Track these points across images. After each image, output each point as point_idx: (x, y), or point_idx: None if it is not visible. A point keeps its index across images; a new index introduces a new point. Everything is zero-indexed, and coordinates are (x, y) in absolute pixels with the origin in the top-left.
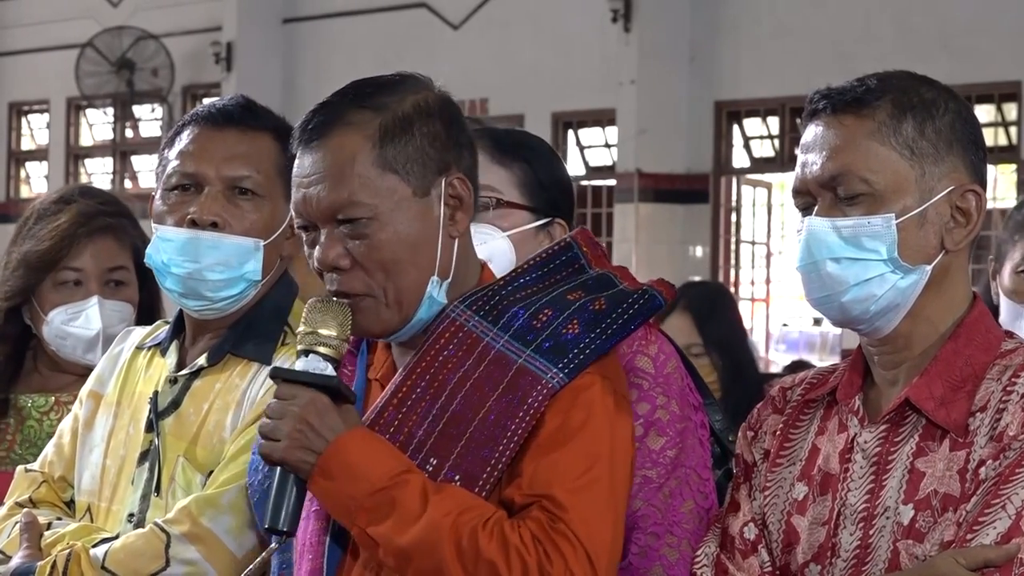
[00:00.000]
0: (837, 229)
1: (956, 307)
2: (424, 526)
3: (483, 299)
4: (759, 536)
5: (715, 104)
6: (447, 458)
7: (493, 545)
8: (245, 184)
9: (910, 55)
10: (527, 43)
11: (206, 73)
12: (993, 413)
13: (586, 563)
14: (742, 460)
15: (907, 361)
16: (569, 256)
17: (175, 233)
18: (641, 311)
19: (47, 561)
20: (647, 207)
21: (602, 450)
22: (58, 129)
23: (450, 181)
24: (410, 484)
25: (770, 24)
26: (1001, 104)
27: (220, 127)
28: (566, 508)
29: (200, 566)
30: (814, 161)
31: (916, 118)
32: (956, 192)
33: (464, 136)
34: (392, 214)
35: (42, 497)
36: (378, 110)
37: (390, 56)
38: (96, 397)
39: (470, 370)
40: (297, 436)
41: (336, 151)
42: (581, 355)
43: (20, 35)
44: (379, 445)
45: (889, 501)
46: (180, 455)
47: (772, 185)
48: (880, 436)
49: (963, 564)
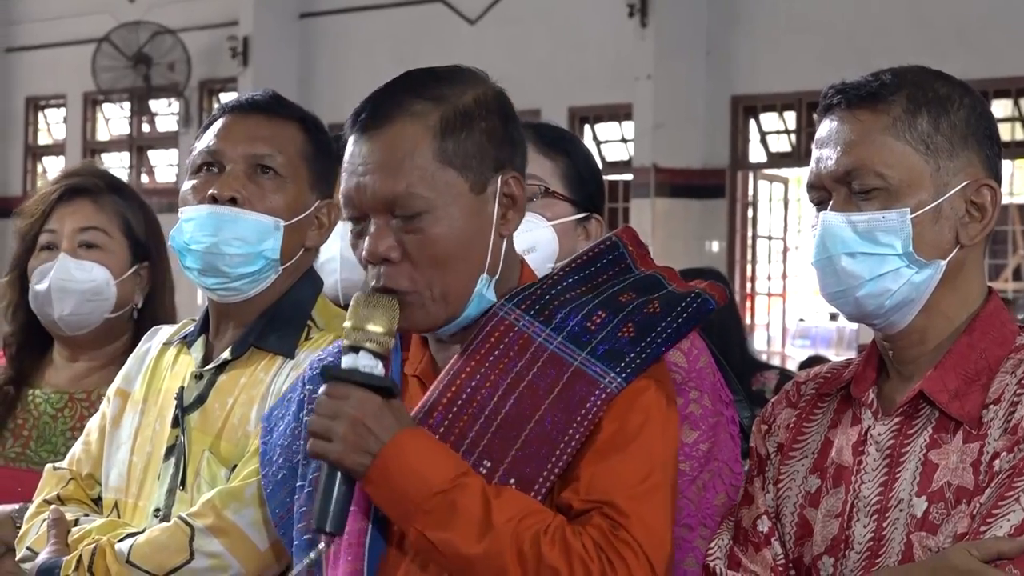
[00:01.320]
0: (852, 224)
1: (971, 301)
2: (487, 533)
3: (532, 298)
4: (772, 529)
5: (732, 99)
6: (502, 461)
7: (556, 552)
8: (267, 162)
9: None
10: (543, 38)
11: (223, 68)
12: (1007, 406)
13: (648, 570)
14: (756, 453)
15: (922, 355)
16: (615, 255)
17: (196, 211)
18: (694, 316)
19: (73, 556)
20: (663, 202)
21: (658, 455)
22: (75, 124)
23: (506, 179)
24: (469, 488)
25: (787, 18)
26: (1018, 99)
27: (247, 114)
28: (628, 515)
29: (224, 559)
30: (829, 156)
31: (931, 113)
32: (971, 187)
33: (518, 133)
34: (448, 209)
35: (70, 494)
36: (438, 102)
37: (406, 51)
38: (123, 395)
39: (523, 371)
40: (353, 439)
41: (395, 141)
42: (637, 359)
43: (37, 30)
44: (435, 445)
45: (902, 493)
46: (205, 449)
47: (789, 180)
48: (894, 428)
49: (976, 556)
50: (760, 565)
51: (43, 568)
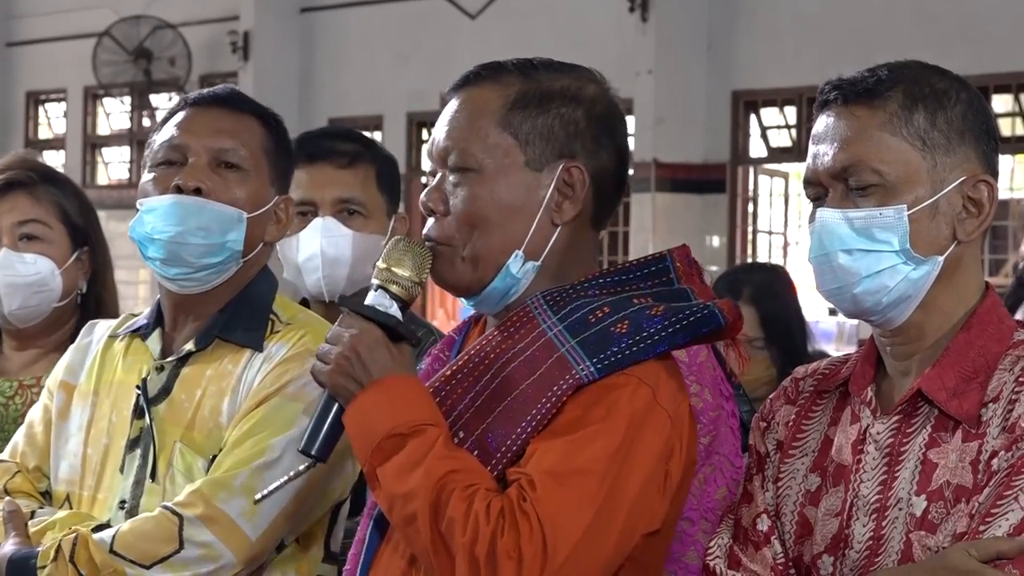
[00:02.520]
0: (849, 220)
1: (969, 298)
2: (419, 474)
3: (560, 294)
4: (772, 527)
5: (732, 94)
6: (472, 433)
7: (461, 507)
8: (229, 157)
9: (928, 45)
10: (544, 32)
11: (223, 62)
12: (1006, 404)
13: (540, 545)
14: (755, 451)
15: (919, 352)
16: (660, 267)
17: (159, 201)
18: (694, 325)
19: (50, 546)
20: (664, 197)
21: (608, 449)
22: (75, 118)
23: (568, 168)
24: (426, 435)
25: (787, 13)
26: (1019, 94)
27: (208, 107)
28: (538, 491)
29: (215, 548)
30: (825, 152)
31: (928, 108)
32: (968, 182)
33: (609, 140)
34: (496, 174)
35: (17, 487)
36: (527, 78)
37: (407, 46)
38: (68, 387)
39: (519, 353)
40: (343, 362)
41: (471, 101)
42: (620, 355)
43: (37, 24)
44: (417, 395)
45: (902, 492)
46: (177, 440)
47: (789, 175)
48: (892, 427)
49: (975, 556)
50: (760, 564)
51: (15, 559)
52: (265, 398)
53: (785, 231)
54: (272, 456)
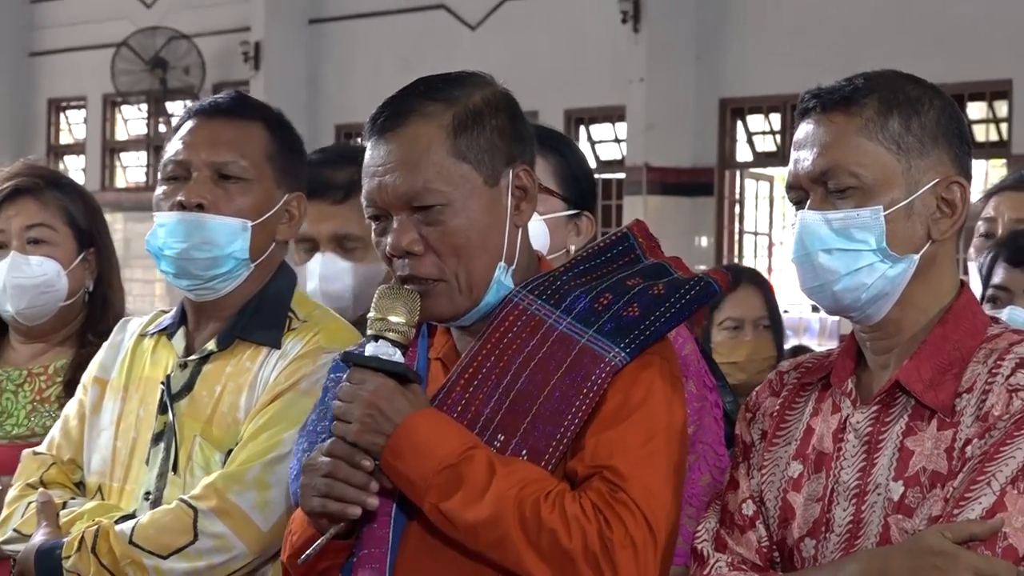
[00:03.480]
0: (828, 222)
1: (944, 294)
2: (490, 500)
3: (544, 284)
4: (757, 512)
5: (720, 101)
6: (514, 434)
7: (555, 515)
8: (230, 170)
9: (907, 54)
10: (541, 43)
11: (235, 71)
12: (979, 394)
13: (646, 529)
14: (741, 440)
15: (897, 346)
16: (625, 246)
17: (167, 217)
18: (697, 297)
19: (74, 537)
20: (655, 199)
21: (660, 425)
22: (95, 124)
23: (517, 172)
24: (476, 459)
25: (773, 25)
26: (992, 101)
27: (210, 117)
28: (626, 478)
29: (228, 540)
30: (806, 157)
31: (902, 114)
32: (941, 184)
33: (526, 130)
34: (465, 202)
35: (52, 478)
36: (450, 103)
37: (410, 55)
38: (101, 383)
39: (534, 350)
40: (368, 420)
41: (412, 141)
42: (641, 336)
43: (59, 35)
44: (445, 423)
45: (880, 478)
46: (197, 435)
47: (774, 178)
48: (871, 416)
49: (950, 538)
50: (745, 547)
51: (42, 549)
52: (279, 394)
53: (770, 232)
54: (284, 450)
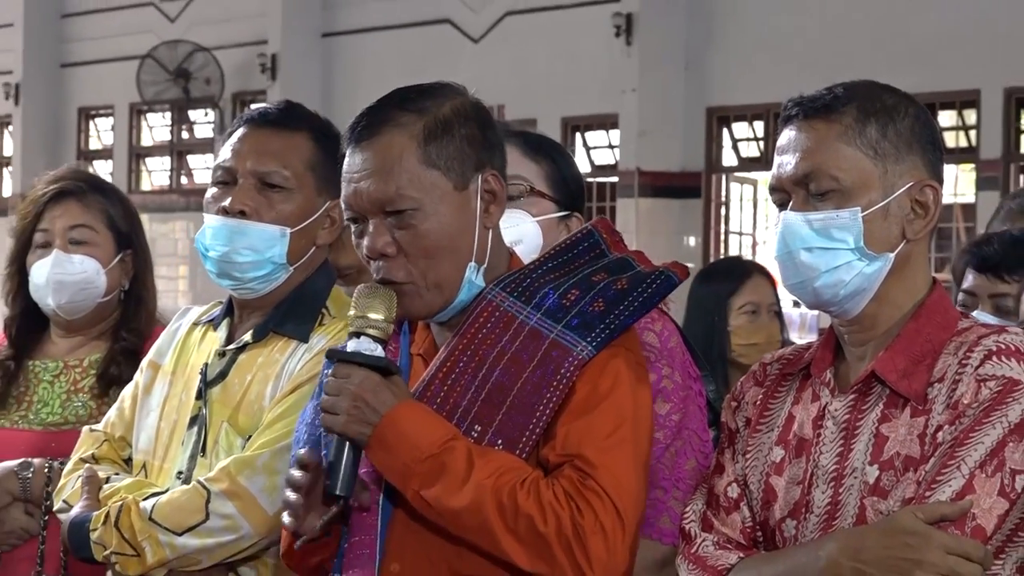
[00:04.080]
0: (809, 222)
1: (917, 290)
2: (471, 488)
3: (515, 282)
4: (741, 495)
5: (707, 109)
6: (490, 425)
7: (530, 501)
8: (273, 179)
9: (882, 66)
10: (540, 55)
11: (253, 82)
12: (949, 384)
13: (615, 515)
14: (726, 427)
15: (873, 339)
16: (591, 242)
17: (213, 220)
18: (659, 290)
19: (101, 511)
20: (646, 202)
21: (627, 414)
22: (122, 131)
23: (485, 177)
24: (457, 450)
25: (757, 37)
26: (962, 110)
27: (259, 127)
28: (595, 466)
29: (236, 520)
30: (788, 161)
31: (879, 122)
32: (915, 187)
33: (496, 137)
34: (435, 206)
35: (104, 454)
36: (421, 113)
37: (417, 66)
38: (155, 367)
39: (507, 345)
40: (354, 411)
41: (385, 149)
42: (607, 330)
43: (88, 47)
44: (427, 415)
45: (856, 462)
46: (224, 421)
47: (758, 182)
48: (849, 405)
49: (922, 519)
50: (730, 527)
51: (75, 521)
52: (298, 385)
53: (754, 232)
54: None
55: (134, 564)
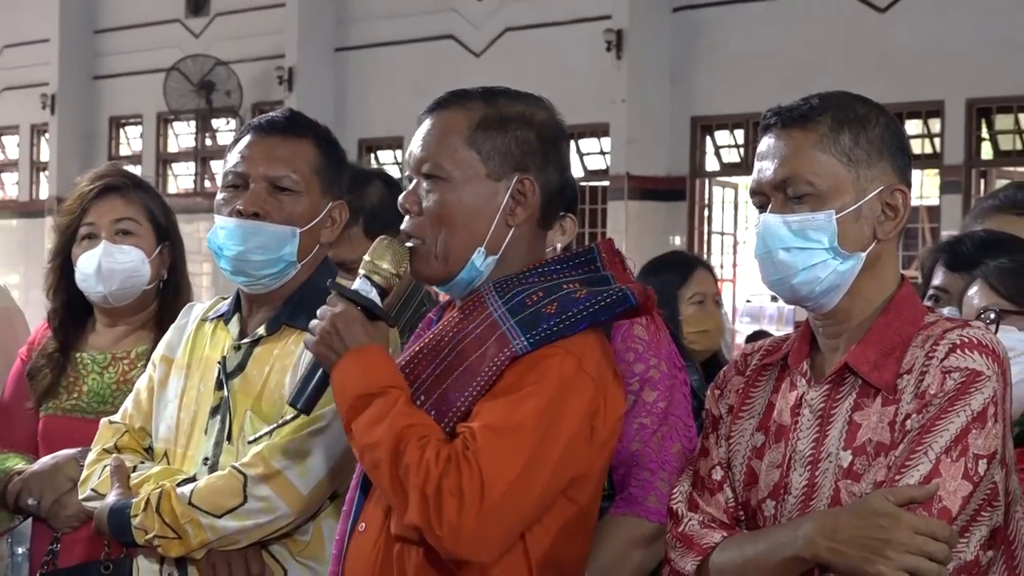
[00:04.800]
0: (787, 223)
1: (887, 287)
2: (382, 429)
3: (507, 280)
4: (724, 477)
5: (691, 119)
6: (431, 397)
7: (415, 454)
8: (284, 183)
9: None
10: (536, 68)
11: (271, 92)
12: (917, 375)
13: (478, 485)
14: (711, 414)
15: (846, 332)
16: (588, 258)
17: (226, 222)
18: (610, 305)
19: (141, 498)
20: (635, 204)
21: (540, 406)
22: (150, 138)
23: (521, 179)
24: (389, 395)
25: (736, 53)
26: (927, 119)
27: (267, 134)
28: (480, 439)
29: (272, 502)
30: (767, 167)
31: (852, 130)
32: (886, 191)
33: (555, 157)
34: (462, 183)
35: (125, 444)
36: (490, 104)
37: (422, 78)
38: (168, 361)
39: (471, 331)
40: (325, 336)
41: (442, 121)
42: (549, 331)
43: (119, 61)
44: (383, 362)
45: (831, 448)
46: (248, 409)
47: (738, 186)
48: (824, 394)
49: (893, 501)
50: (715, 507)
51: (114, 508)
52: None
53: (735, 232)
54: (322, 423)
55: (176, 546)
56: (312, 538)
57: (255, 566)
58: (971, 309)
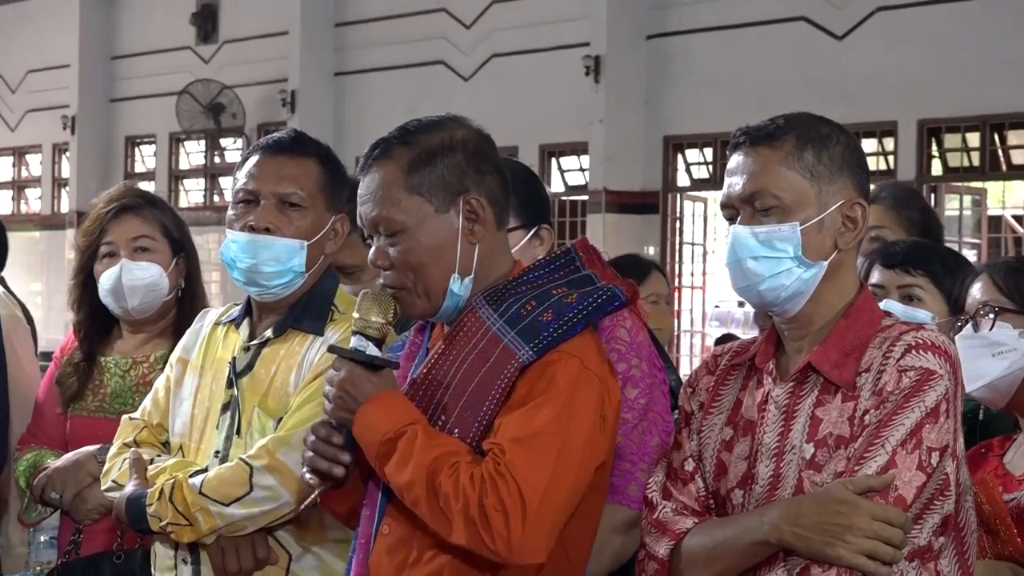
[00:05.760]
0: (755, 234)
1: (847, 293)
2: (412, 467)
3: (496, 292)
4: (696, 468)
5: (664, 138)
6: (451, 416)
7: (450, 483)
8: (292, 199)
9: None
10: (521, 91)
11: (275, 114)
12: (875, 374)
13: (517, 498)
14: (683, 410)
15: (810, 334)
16: (567, 259)
17: (239, 236)
18: (602, 305)
19: (155, 489)
20: (612, 217)
21: (555, 411)
22: (163, 156)
23: (467, 200)
24: (409, 434)
25: (705, 78)
26: (882, 138)
27: (275, 154)
28: (507, 454)
29: (276, 491)
30: (736, 182)
31: (815, 148)
32: (846, 204)
33: (487, 165)
34: (418, 227)
35: (144, 439)
36: (411, 146)
37: (415, 101)
38: (183, 362)
39: (473, 348)
40: (339, 401)
41: (379, 178)
42: (550, 337)
43: (134, 84)
44: (395, 404)
45: (795, 441)
46: (256, 406)
47: (708, 200)
48: (788, 391)
49: (852, 490)
50: (687, 496)
51: (131, 498)
52: (319, 373)
53: (704, 243)
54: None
55: (188, 532)
56: (314, 524)
57: (261, 550)
58: (972, 302)
